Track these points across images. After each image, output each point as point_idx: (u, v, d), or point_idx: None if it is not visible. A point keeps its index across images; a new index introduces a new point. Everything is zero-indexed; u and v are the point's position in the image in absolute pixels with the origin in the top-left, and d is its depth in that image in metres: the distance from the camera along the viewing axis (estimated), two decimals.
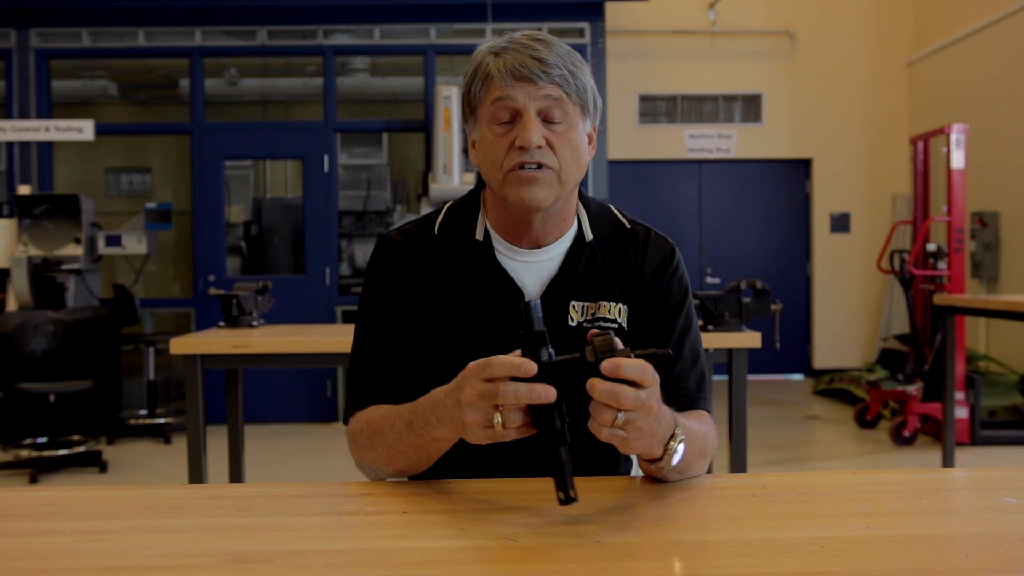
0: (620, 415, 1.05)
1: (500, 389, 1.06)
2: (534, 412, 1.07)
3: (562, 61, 1.30)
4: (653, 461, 1.16)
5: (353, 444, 1.36)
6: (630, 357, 1.05)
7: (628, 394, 1.04)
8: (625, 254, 1.42)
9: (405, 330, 1.39)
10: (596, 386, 1.04)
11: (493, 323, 1.37)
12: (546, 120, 1.30)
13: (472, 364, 1.09)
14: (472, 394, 1.09)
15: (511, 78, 1.29)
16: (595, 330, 1.09)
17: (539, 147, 1.28)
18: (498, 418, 1.07)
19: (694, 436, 1.23)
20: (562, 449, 1.06)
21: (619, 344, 1.06)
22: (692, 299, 1.46)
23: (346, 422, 1.41)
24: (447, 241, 1.42)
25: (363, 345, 1.42)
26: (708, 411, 1.38)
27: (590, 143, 1.38)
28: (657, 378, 1.07)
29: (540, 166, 1.29)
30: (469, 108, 1.36)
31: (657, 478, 1.24)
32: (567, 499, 1.05)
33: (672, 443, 1.15)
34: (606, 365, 1.04)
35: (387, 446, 1.27)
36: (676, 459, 1.15)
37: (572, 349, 1.35)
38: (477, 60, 1.33)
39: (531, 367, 1.05)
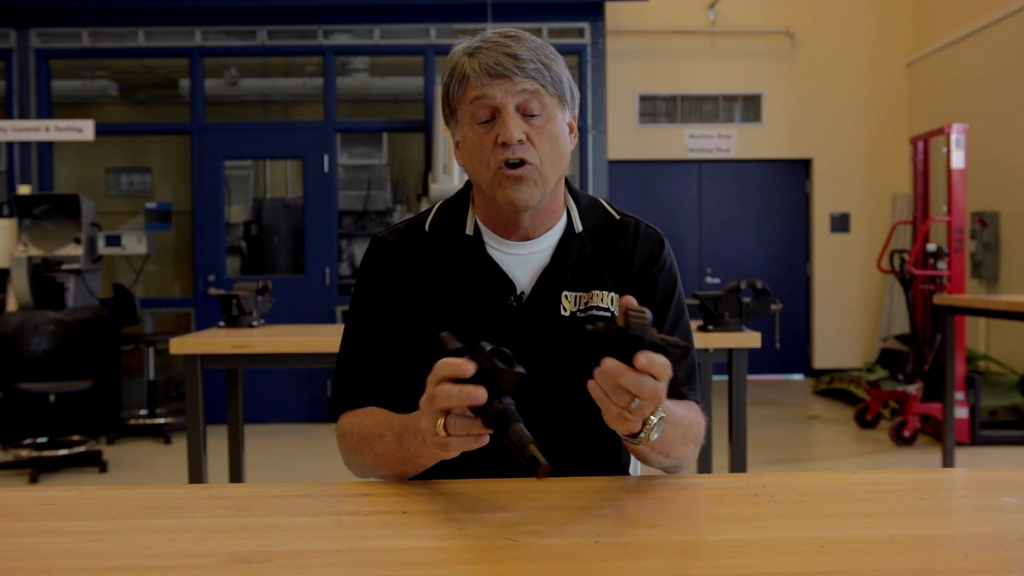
0: (636, 402, 1.06)
1: (436, 391, 1.07)
2: (480, 412, 1.07)
3: (535, 55, 1.31)
4: (632, 437, 1.16)
5: (342, 444, 1.39)
6: (654, 333, 1.06)
7: (648, 385, 1.05)
8: (615, 245, 1.44)
9: (395, 329, 1.41)
10: (623, 373, 1.04)
11: (485, 317, 1.38)
12: (525, 114, 1.32)
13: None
14: (424, 399, 1.10)
15: (487, 76, 1.30)
16: (629, 301, 1.07)
17: (520, 142, 1.30)
18: (440, 422, 1.08)
19: (678, 420, 1.25)
20: (513, 427, 1.06)
21: (648, 318, 1.06)
22: (682, 290, 1.48)
23: (334, 419, 1.42)
24: (438, 238, 1.43)
25: (352, 344, 1.44)
26: (697, 401, 1.40)
27: (571, 132, 1.39)
28: (670, 371, 1.08)
29: (523, 162, 1.31)
30: (449, 110, 1.38)
31: (647, 463, 1.27)
32: (536, 463, 1.04)
33: (652, 418, 1.14)
34: (641, 360, 1.04)
35: (374, 455, 1.29)
36: (654, 436, 1.15)
37: (565, 339, 1.36)
38: (453, 62, 1.35)
39: (467, 368, 1.05)
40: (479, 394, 1.05)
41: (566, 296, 1.39)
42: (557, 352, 1.38)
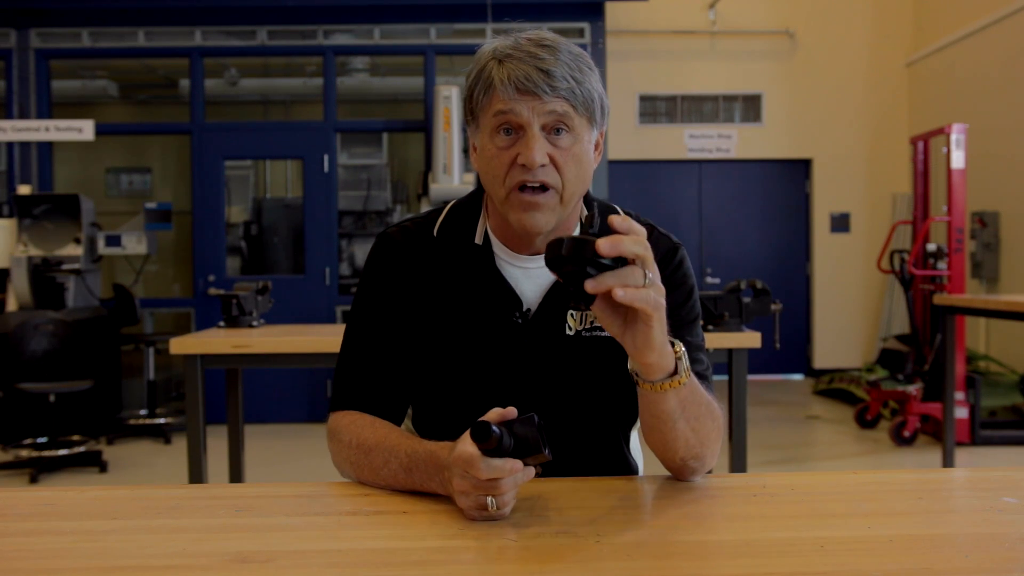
0: (649, 275, 1.02)
1: (500, 488, 1.05)
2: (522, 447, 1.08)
3: (569, 71, 1.24)
4: (670, 377, 1.13)
5: (334, 445, 1.33)
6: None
7: (641, 243, 1.01)
8: None
9: (398, 330, 1.37)
10: (623, 240, 0.99)
11: (489, 329, 1.35)
12: (550, 133, 1.25)
13: (456, 459, 1.07)
14: (464, 485, 1.07)
15: (514, 91, 1.23)
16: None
17: (543, 165, 1.24)
18: (491, 501, 1.06)
19: (697, 387, 1.20)
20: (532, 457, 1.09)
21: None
22: (697, 302, 1.42)
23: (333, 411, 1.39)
24: (446, 243, 1.39)
25: (354, 341, 1.40)
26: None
27: (596, 149, 1.33)
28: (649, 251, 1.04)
29: (543, 186, 1.25)
30: (471, 113, 1.31)
31: (672, 450, 1.21)
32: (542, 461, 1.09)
33: (677, 350, 1.13)
34: (614, 218, 1.01)
35: (379, 477, 1.24)
36: (685, 361, 1.13)
37: (570, 359, 1.34)
38: (480, 63, 1.28)
39: (516, 466, 1.06)
40: (529, 472, 1.08)
41: (572, 315, 1.35)
42: (561, 371, 1.34)
